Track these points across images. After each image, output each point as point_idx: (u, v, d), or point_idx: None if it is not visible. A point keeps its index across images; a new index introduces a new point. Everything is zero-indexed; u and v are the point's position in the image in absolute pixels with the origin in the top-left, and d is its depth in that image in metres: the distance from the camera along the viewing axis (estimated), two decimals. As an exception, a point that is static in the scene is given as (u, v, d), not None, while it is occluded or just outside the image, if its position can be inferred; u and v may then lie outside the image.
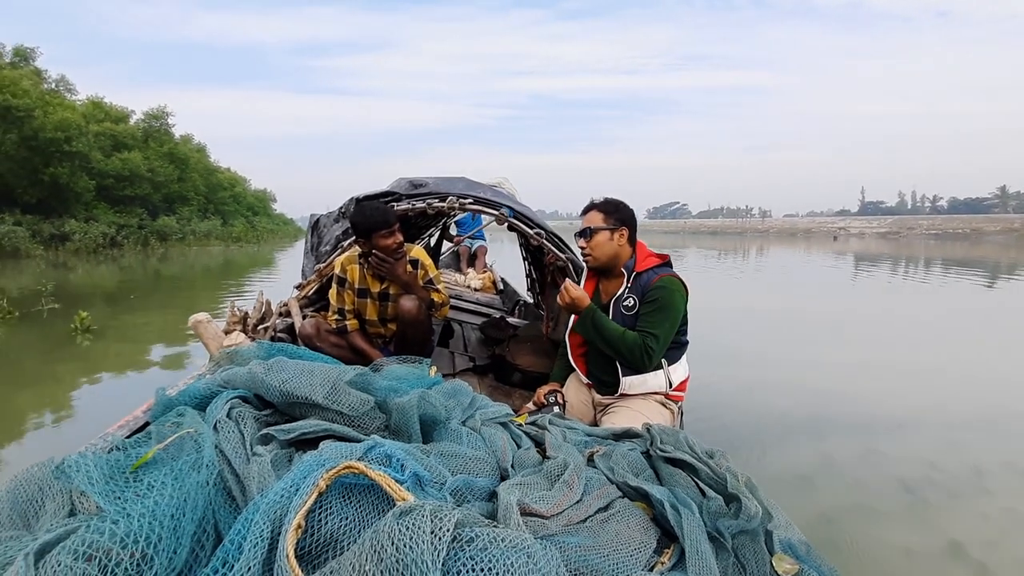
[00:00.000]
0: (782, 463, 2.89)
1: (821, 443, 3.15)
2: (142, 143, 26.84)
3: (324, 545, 0.76)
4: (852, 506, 2.48)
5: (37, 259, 17.23)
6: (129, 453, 1.01)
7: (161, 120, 29.61)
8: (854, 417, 3.57)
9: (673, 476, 1.23)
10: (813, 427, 3.41)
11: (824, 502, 2.49)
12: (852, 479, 2.74)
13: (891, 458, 2.95)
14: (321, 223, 3.15)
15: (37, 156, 19.46)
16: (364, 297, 2.46)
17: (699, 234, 56.15)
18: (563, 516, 1.00)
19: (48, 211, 20.18)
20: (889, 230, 47.79)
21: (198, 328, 2.13)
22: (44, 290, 7.80)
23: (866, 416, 3.58)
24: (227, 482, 0.94)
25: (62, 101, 22.14)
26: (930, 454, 2.97)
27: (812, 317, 7.60)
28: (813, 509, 2.40)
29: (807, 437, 3.25)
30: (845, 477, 2.76)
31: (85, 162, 21.30)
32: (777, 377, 4.50)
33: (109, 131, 24.23)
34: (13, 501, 0.97)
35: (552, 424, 1.53)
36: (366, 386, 1.37)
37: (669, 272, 1.90)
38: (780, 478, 2.71)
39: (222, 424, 1.13)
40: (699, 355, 4.83)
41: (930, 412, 3.67)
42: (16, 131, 18.60)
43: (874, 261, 18.20)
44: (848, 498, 2.55)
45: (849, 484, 2.69)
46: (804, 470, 2.80)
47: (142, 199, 25.40)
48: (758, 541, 1.05)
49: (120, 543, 0.66)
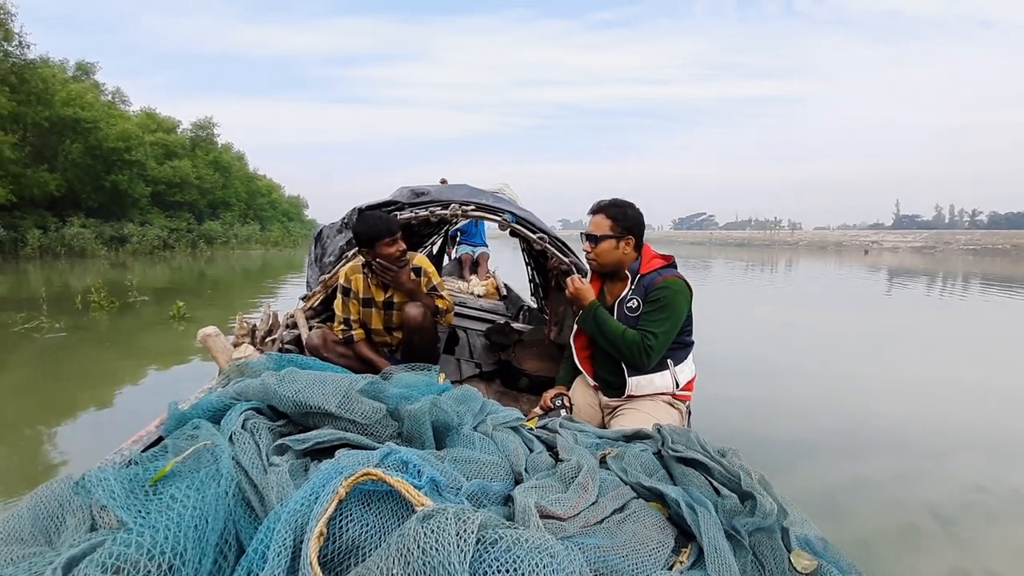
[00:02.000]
0: (814, 480, 2.80)
1: (856, 462, 3.06)
2: (190, 152, 28.80)
3: (346, 552, 0.77)
4: (889, 529, 2.35)
5: (101, 259, 18.79)
6: (147, 467, 1.02)
7: (207, 130, 31.60)
8: (890, 435, 3.47)
9: (686, 476, 1.23)
10: (847, 444, 3.28)
11: (859, 524, 2.38)
12: (889, 500, 2.63)
13: (930, 479, 2.85)
14: (324, 234, 3.16)
15: (100, 164, 21.47)
16: (369, 306, 2.47)
17: (726, 245, 54.87)
18: (580, 518, 1.00)
19: (108, 215, 22.21)
20: (924, 244, 46.25)
21: (207, 342, 2.14)
22: (131, 285, 9.39)
23: (903, 434, 3.48)
24: (246, 493, 0.95)
25: (122, 113, 24.47)
26: (971, 475, 2.87)
27: (843, 331, 7.41)
28: (848, 531, 2.29)
29: (841, 454, 3.14)
30: (882, 498, 2.65)
31: (142, 170, 23.45)
32: (805, 392, 4.40)
33: (161, 141, 26.39)
34: (34, 518, 0.98)
35: (563, 427, 1.53)
36: (377, 394, 1.38)
37: (673, 273, 1.90)
38: (812, 495, 2.61)
39: (237, 436, 1.13)
40: (726, 368, 4.75)
41: (970, 431, 3.56)
42: (82, 141, 20.50)
43: (908, 275, 17.74)
44: (884, 521, 2.43)
45: (886, 505, 2.58)
46: (837, 489, 2.68)
47: (190, 205, 27.40)
48: (775, 538, 1.05)
49: (147, 555, 0.66)
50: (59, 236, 18.86)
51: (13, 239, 17.65)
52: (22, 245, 17.90)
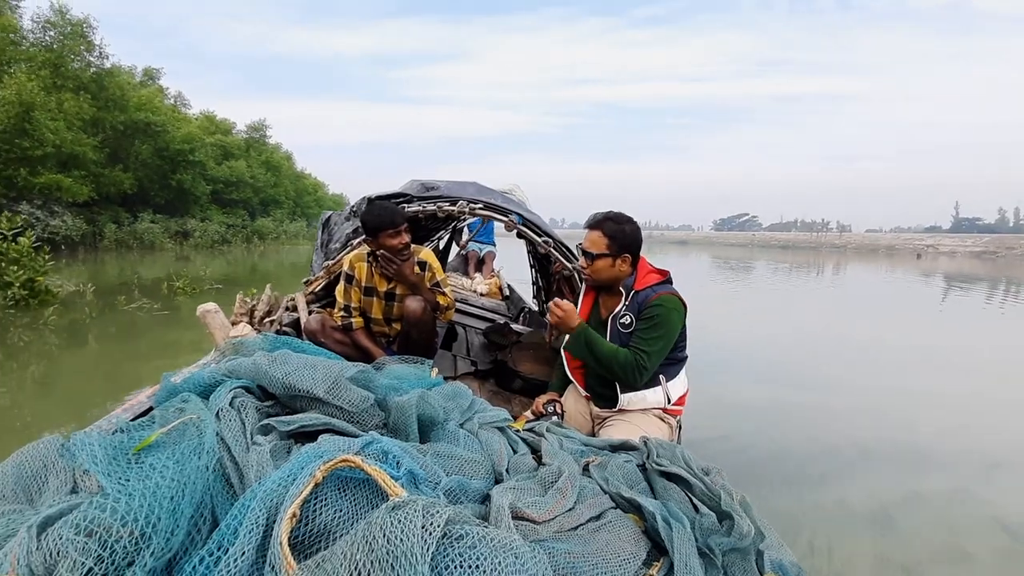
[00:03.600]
0: (861, 495, 2.76)
1: (907, 478, 2.97)
2: (245, 152, 31.01)
3: (317, 536, 0.77)
4: (937, 554, 2.27)
5: (167, 251, 20.87)
6: (132, 436, 1.03)
7: (260, 131, 33.90)
8: (942, 452, 3.35)
9: (667, 490, 1.23)
10: (899, 459, 3.24)
11: (902, 545, 2.30)
12: (939, 521, 2.54)
13: (982, 499, 2.75)
14: (332, 221, 3.18)
15: (167, 164, 23.69)
16: (370, 295, 2.48)
17: (769, 248, 52.09)
18: (555, 523, 1.01)
19: (173, 211, 24.45)
20: (985, 249, 42.21)
21: (205, 318, 2.16)
22: (204, 275, 10.76)
23: (958, 451, 3.37)
24: (226, 469, 0.96)
25: (185, 116, 27.28)
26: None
27: (895, 341, 7.05)
28: (889, 551, 2.24)
29: (892, 469, 3.08)
30: (931, 518, 2.56)
31: (203, 169, 25.40)
32: (851, 404, 4.28)
33: (219, 142, 28.45)
34: (17, 476, 0.99)
35: (549, 432, 1.53)
36: (367, 383, 1.38)
37: (668, 290, 1.88)
38: (855, 510, 2.55)
39: (224, 412, 1.15)
40: (764, 377, 4.74)
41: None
42: (152, 143, 22.69)
43: (965, 281, 16.77)
44: (933, 543, 2.35)
45: (935, 526, 2.49)
46: (882, 506, 2.65)
47: (244, 202, 29.56)
48: (749, 560, 1.05)
49: (120, 520, 0.67)
50: (131, 230, 20.97)
51: (92, 233, 19.47)
52: (100, 238, 19.83)
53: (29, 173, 16.21)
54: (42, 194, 16.85)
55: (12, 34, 17.64)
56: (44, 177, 16.50)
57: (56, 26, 18.75)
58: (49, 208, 17.01)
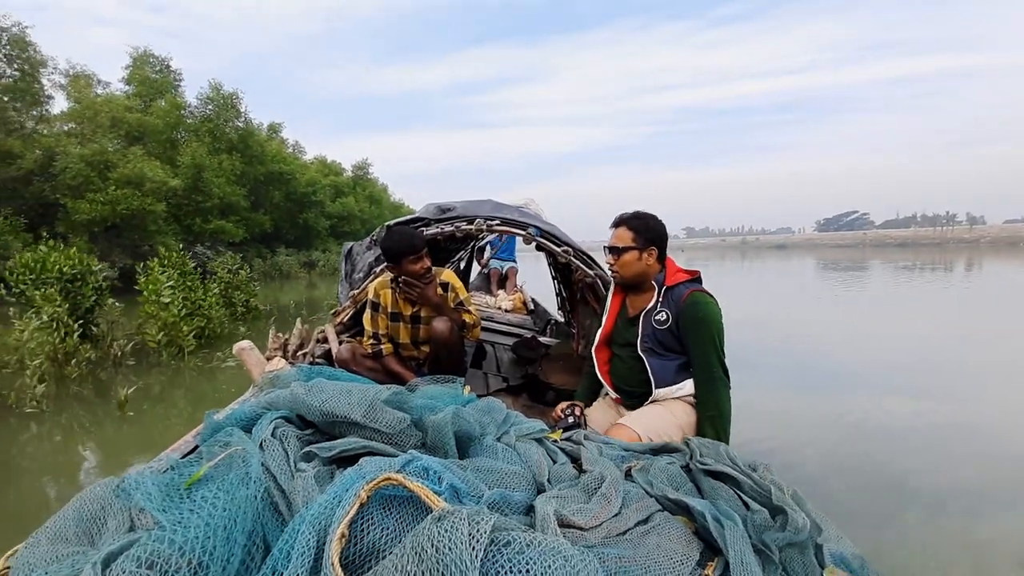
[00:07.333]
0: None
1: None
2: (352, 189, 35.02)
3: (367, 554, 0.78)
4: None
5: (300, 279, 23.93)
6: (182, 472, 1.06)
7: (364, 169, 38.20)
8: None
9: (715, 489, 1.20)
10: None
11: None
12: None
13: None
14: (354, 251, 3.25)
15: (295, 206, 28.02)
16: (397, 321, 2.51)
17: (884, 246, 47.38)
18: (602, 528, 0.99)
19: (300, 245, 28.85)
20: None
21: (242, 355, 2.22)
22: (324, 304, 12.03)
23: None
24: (273, 497, 0.98)
25: (305, 163, 31.46)
26: None
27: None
28: None
29: None
30: None
31: (321, 208, 29.67)
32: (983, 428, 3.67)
33: (333, 183, 32.50)
34: (78, 520, 1.03)
35: (588, 439, 1.52)
36: (402, 404, 1.40)
37: (699, 288, 1.88)
38: None
39: (267, 443, 1.17)
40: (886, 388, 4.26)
41: None
42: (283, 189, 26.88)
43: None
44: None
45: None
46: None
47: (354, 234, 32.35)
48: (807, 554, 1.01)
49: (179, 551, 0.69)
50: (273, 263, 24.59)
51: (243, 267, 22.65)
52: (251, 270, 21.92)
53: (203, 221, 20.15)
54: (211, 237, 20.55)
55: (182, 110, 22.04)
56: (213, 224, 20.35)
57: (214, 100, 22.84)
58: (215, 248, 20.04)
